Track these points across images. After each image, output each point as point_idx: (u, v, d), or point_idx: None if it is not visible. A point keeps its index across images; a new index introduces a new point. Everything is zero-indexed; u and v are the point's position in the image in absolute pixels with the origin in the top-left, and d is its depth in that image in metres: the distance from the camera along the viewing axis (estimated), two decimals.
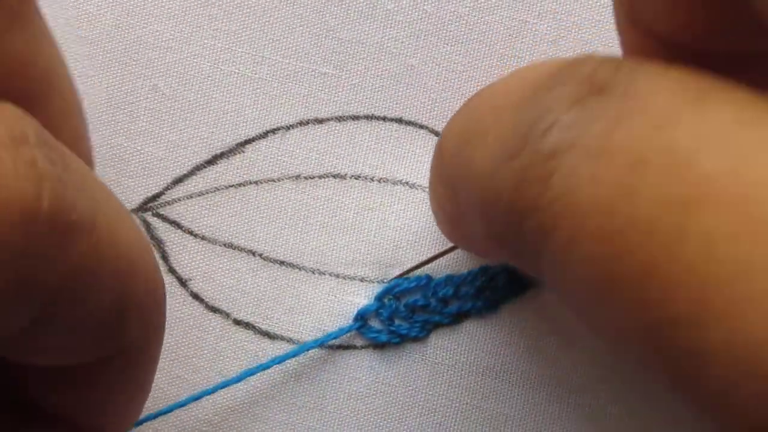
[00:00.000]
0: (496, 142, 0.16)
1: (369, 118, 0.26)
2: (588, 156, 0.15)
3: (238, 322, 0.26)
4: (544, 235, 0.15)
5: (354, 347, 0.26)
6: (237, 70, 0.26)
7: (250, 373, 0.25)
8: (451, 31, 0.26)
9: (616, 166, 0.14)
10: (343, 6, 0.26)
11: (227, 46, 0.26)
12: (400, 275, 0.25)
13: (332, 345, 0.26)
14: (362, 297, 0.25)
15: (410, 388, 0.25)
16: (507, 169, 0.16)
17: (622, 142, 0.14)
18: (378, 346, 0.25)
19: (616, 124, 0.14)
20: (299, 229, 0.26)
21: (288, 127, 0.26)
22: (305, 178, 0.26)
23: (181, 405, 0.25)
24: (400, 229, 0.26)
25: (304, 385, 0.25)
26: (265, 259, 0.26)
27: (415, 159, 0.26)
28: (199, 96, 0.26)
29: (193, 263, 0.26)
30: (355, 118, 0.26)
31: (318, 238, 0.26)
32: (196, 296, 0.26)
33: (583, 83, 0.15)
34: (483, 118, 0.17)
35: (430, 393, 0.25)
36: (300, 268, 0.26)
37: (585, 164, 0.15)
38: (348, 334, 0.25)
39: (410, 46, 0.26)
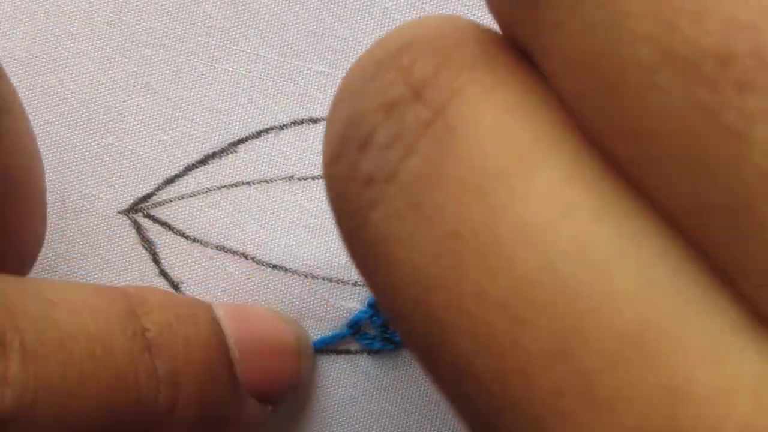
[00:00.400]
0: (330, 133, 0.14)
1: None
2: (408, 205, 0.13)
3: None
4: (368, 277, 0.14)
5: (348, 351, 0.25)
6: (231, 69, 0.26)
7: None
8: None
9: (435, 230, 0.12)
10: (340, 4, 0.25)
11: (221, 44, 0.26)
12: None
13: (326, 349, 0.25)
14: (355, 302, 0.25)
15: (407, 393, 0.25)
16: (331, 174, 0.14)
17: (440, 199, 0.12)
18: (373, 351, 0.25)
19: (435, 170, 0.13)
20: (292, 232, 0.25)
21: (281, 127, 0.25)
22: (299, 178, 0.25)
23: None
24: None
25: (295, 391, 0.25)
26: (257, 263, 0.25)
27: None
28: (191, 94, 0.26)
29: (185, 266, 0.25)
30: None
31: (311, 241, 0.25)
32: None
33: (400, 78, 0.13)
34: (336, 95, 0.15)
35: (428, 399, 0.25)
36: (293, 272, 0.25)
37: (404, 216, 0.13)
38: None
39: None
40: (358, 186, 0.13)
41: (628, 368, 0.11)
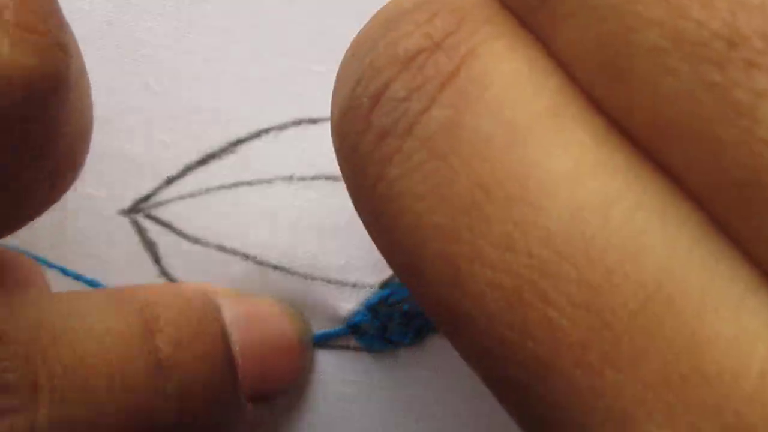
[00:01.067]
0: (340, 87, 0.14)
1: None
2: (432, 158, 0.13)
3: None
4: (382, 236, 0.14)
5: (347, 348, 0.25)
6: (230, 68, 0.26)
7: None
8: None
9: (462, 183, 0.13)
10: (340, 4, 0.25)
11: (221, 44, 0.26)
12: (388, 281, 0.25)
13: (324, 344, 0.25)
14: (354, 303, 0.25)
15: (406, 392, 0.25)
16: (342, 129, 0.14)
17: (467, 151, 0.13)
18: (372, 349, 0.25)
19: (461, 121, 0.13)
20: (292, 232, 0.25)
21: (281, 127, 0.25)
22: (299, 179, 0.25)
23: None
24: None
25: (294, 386, 0.25)
26: (257, 263, 0.25)
27: None
28: (191, 94, 0.26)
29: (186, 266, 0.25)
30: None
31: (310, 241, 0.25)
32: None
33: (419, 30, 0.13)
34: (348, 51, 0.15)
35: (428, 398, 0.25)
36: (292, 273, 0.25)
37: (427, 169, 0.13)
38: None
39: None
40: (372, 140, 0.13)
41: (654, 320, 0.11)
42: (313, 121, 0.25)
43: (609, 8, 0.12)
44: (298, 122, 0.25)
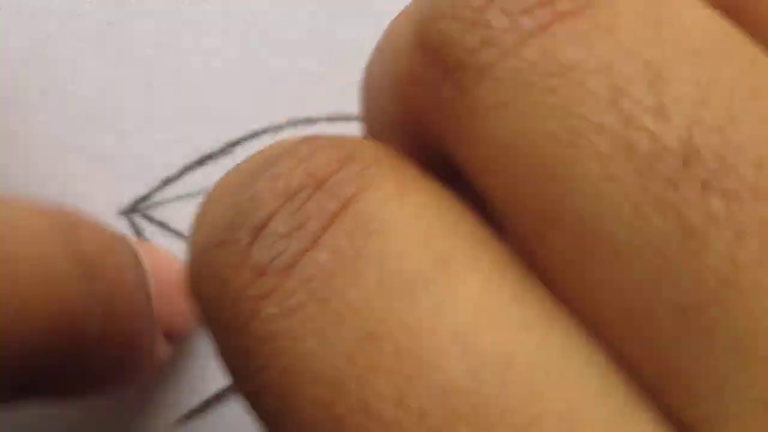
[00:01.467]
0: (212, 217, 0.13)
1: (361, 118, 0.25)
2: (312, 300, 0.12)
3: None
4: (252, 377, 0.12)
5: None
6: (228, 68, 0.25)
7: None
8: None
9: (348, 330, 0.11)
10: (339, 4, 0.25)
11: (220, 44, 0.26)
12: None
13: None
14: None
15: None
16: (211, 260, 0.13)
17: (353, 297, 0.11)
18: None
19: (346, 266, 0.12)
20: None
21: (278, 128, 0.25)
22: None
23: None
24: None
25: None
26: None
27: None
28: (190, 95, 0.26)
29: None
30: (347, 118, 0.25)
31: None
32: None
33: (301, 166, 0.12)
34: (222, 181, 0.14)
35: None
36: None
37: (308, 311, 0.12)
38: None
39: None
40: (248, 276, 0.12)
41: None
42: (311, 122, 0.25)
43: (549, 107, 0.11)
44: (294, 123, 0.25)
